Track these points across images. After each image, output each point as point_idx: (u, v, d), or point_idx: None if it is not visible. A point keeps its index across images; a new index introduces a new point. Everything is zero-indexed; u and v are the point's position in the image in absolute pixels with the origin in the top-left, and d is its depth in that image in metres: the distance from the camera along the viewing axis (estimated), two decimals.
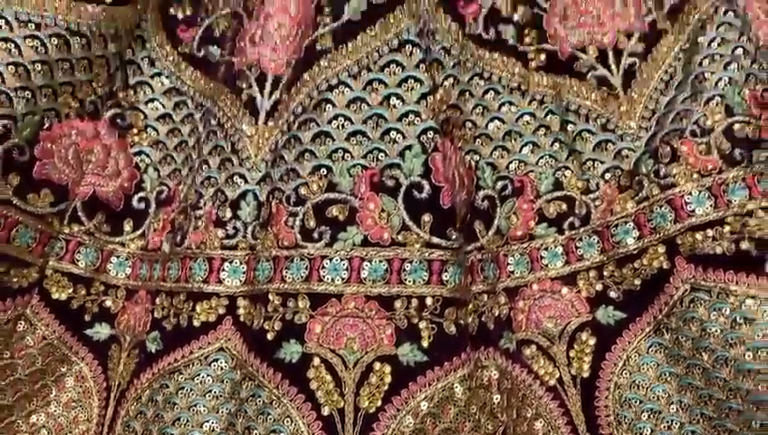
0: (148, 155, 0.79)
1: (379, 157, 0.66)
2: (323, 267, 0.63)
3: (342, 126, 0.66)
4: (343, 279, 0.63)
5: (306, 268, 0.64)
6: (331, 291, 0.63)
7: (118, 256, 0.77)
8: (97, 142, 0.78)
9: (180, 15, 0.82)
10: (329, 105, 0.67)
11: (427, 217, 0.65)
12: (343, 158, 0.66)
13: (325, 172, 0.66)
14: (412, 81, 0.67)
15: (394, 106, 0.67)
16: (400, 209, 0.65)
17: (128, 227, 0.78)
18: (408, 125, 0.66)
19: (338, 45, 0.68)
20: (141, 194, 0.78)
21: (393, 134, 0.66)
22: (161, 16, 0.82)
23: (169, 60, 0.81)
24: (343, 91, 0.67)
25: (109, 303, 0.75)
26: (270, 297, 0.64)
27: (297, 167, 0.67)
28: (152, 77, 0.81)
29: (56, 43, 0.71)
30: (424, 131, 0.66)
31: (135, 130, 0.80)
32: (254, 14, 0.75)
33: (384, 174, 0.65)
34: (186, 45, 0.81)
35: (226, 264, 0.68)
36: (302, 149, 0.67)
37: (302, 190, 0.66)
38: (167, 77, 0.81)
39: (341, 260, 0.63)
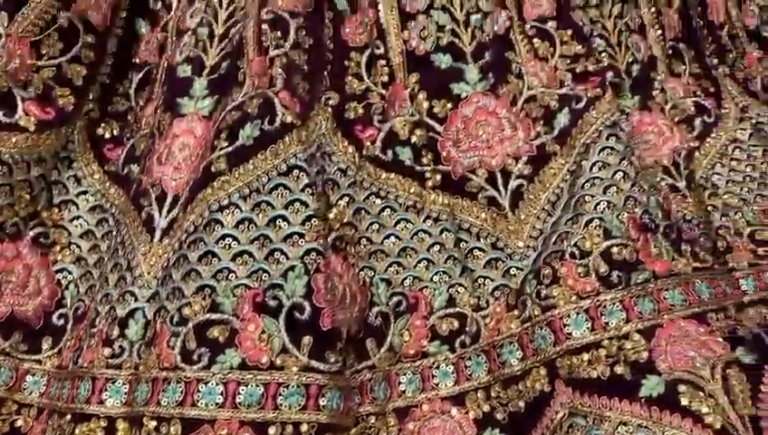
0: (70, 272, 0.80)
1: (263, 277, 0.67)
2: (198, 391, 0.63)
3: (229, 246, 0.68)
4: (217, 404, 0.62)
5: (181, 392, 0.63)
6: (203, 416, 0.62)
7: (34, 374, 0.76)
8: (18, 262, 0.79)
9: (108, 135, 0.86)
10: (218, 225, 0.69)
11: (306, 340, 0.65)
12: (227, 278, 0.67)
13: (209, 292, 0.66)
14: (298, 203, 0.69)
15: (280, 227, 0.68)
16: (281, 331, 0.65)
17: (46, 344, 0.77)
18: (292, 246, 0.68)
19: (231, 168, 0.71)
20: (62, 310, 0.79)
21: (277, 255, 0.67)
22: (89, 136, 0.86)
23: (95, 178, 0.84)
24: (233, 212, 0.69)
25: (20, 422, 0.74)
26: (144, 421, 0.63)
27: (183, 286, 0.67)
28: (78, 195, 0.84)
29: None
30: (307, 252, 0.68)
31: (58, 248, 0.81)
32: (164, 134, 0.79)
33: (267, 294, 0.66)
34: (112, 164, 0.85)
35: (110, 384, 0.67)
36: (189, 269, 0.68)
37: (186, 310, 0.66)
38: (92, 195, 0.84)
39: (217, 384, 0.63)
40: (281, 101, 0.73)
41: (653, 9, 1.03)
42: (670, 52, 1.03)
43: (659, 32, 1.03)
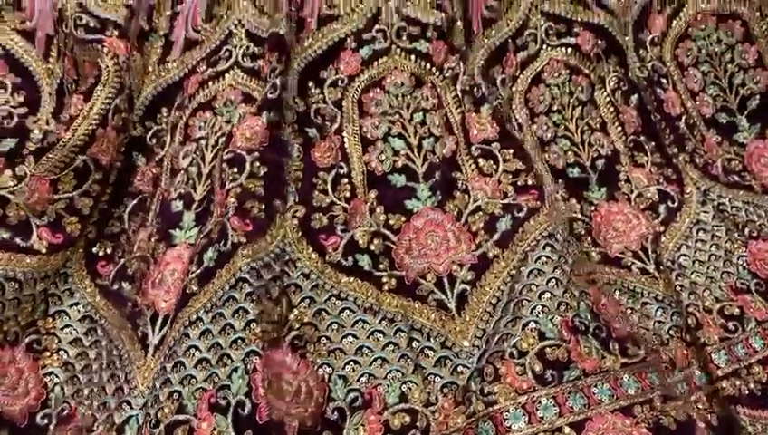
0: (57, 375, 0.88)
1: (215, 379, 0.74)
2: None
3: (193, 355, 0.76)
4: None
5: None
6: None
7: None
8: (12, 366, 0.87)
9: (101, 253, 0.98)
10: (187, 338, 0.78)
11: (248, 434, 0.70)
12: (190, 383, 0.74)
13: (177, 396, 0.74)
14: (241, 311, 0.77)
15: (228, 334, 0.76)
16: (229, 427, 0.71)
17: None
18: (236, 350, 0.75)
19: (201, 288, 0.81)
20: (46, 411, 0.86)
21: (225, 359, 0.75)
22: (85, 255, 0.98)
23: (87, 291, 0.95)
24: (198, 326, 0.78)
25: None
26: None
27: (160, 393, 0.75)
28: (70, 306, 0.94)
29: None
30: (247, 355, 0.74)
31: (48, 353, 0.90)
32: (158, 261, 0.91)
33: (218, 395, 0.73)
34: (103, 279, 0.96)
35: None
36: (165, 378, 0.76)
37: (160, 414, 0.74)
38: (83, 306, 0.94)
39: None
40: (231, 224, 0.84)
41: (612, 108, 1.12)
42: (632, 145, 1.11)
43: (619, 128, 1.12)
